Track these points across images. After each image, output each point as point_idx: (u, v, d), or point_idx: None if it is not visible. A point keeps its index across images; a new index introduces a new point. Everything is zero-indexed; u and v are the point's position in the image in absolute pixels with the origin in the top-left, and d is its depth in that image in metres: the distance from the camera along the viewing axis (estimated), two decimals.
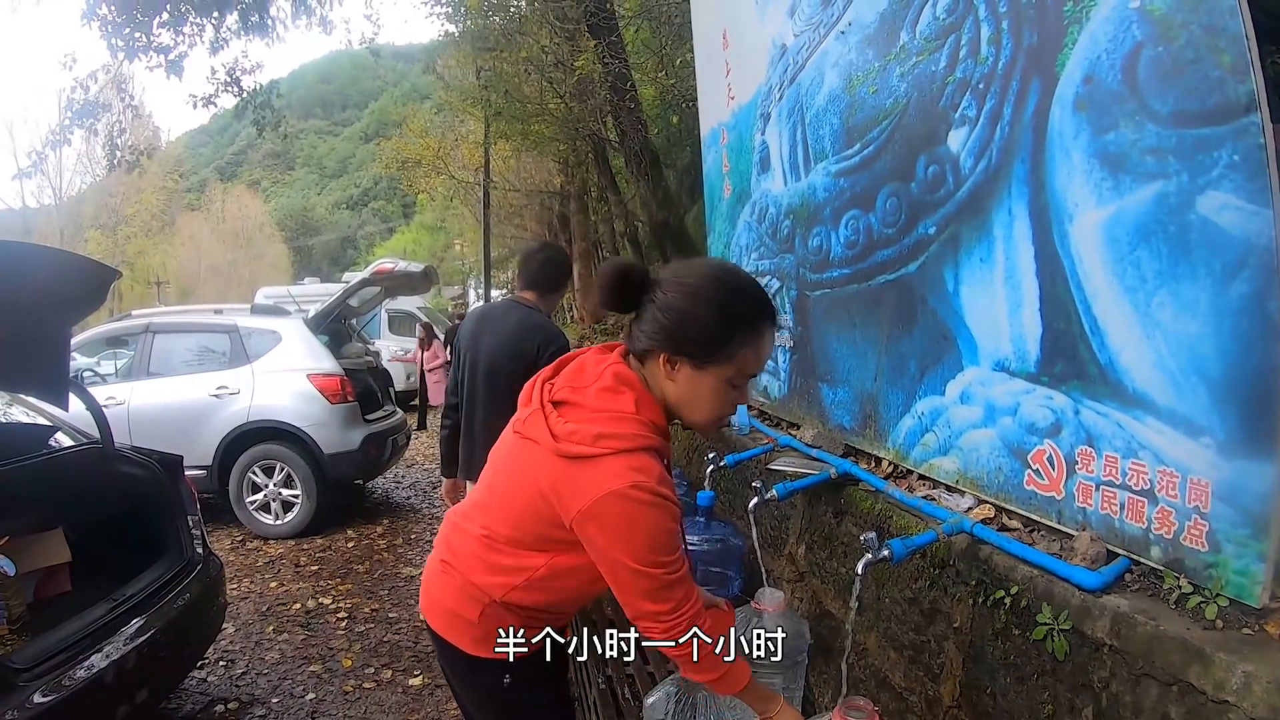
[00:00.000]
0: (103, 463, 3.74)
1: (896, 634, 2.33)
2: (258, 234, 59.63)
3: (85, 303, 3.46)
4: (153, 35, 8.43)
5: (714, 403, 1.51)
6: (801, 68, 3.25)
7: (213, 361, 6.65)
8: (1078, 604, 1.69)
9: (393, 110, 39.84)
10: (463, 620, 1.66)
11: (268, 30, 9.34)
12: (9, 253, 2.98)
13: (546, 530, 1.53)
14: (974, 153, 2.15)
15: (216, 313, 7.17)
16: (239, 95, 9.81)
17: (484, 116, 13.38)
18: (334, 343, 7.26)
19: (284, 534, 6.46)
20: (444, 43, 12.77)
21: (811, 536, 2.95)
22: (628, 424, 1.47)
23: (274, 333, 6.65)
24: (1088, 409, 1.82)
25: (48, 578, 3.52)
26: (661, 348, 1.49)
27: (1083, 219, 1.79)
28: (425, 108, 28.72)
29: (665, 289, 1.49)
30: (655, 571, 1.46)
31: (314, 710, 3.72)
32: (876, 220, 2.70)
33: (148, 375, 6.65)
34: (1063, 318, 1.87)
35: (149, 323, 6.94)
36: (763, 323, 1.49)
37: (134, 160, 10.07)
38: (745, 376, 1.51)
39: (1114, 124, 1.70)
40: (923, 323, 2.47)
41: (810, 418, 3.37)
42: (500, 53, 9.23)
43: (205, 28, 8.91)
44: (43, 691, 2.53)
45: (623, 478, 1.42)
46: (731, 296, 1.49)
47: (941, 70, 2.29)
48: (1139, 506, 1.70)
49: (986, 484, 2.19)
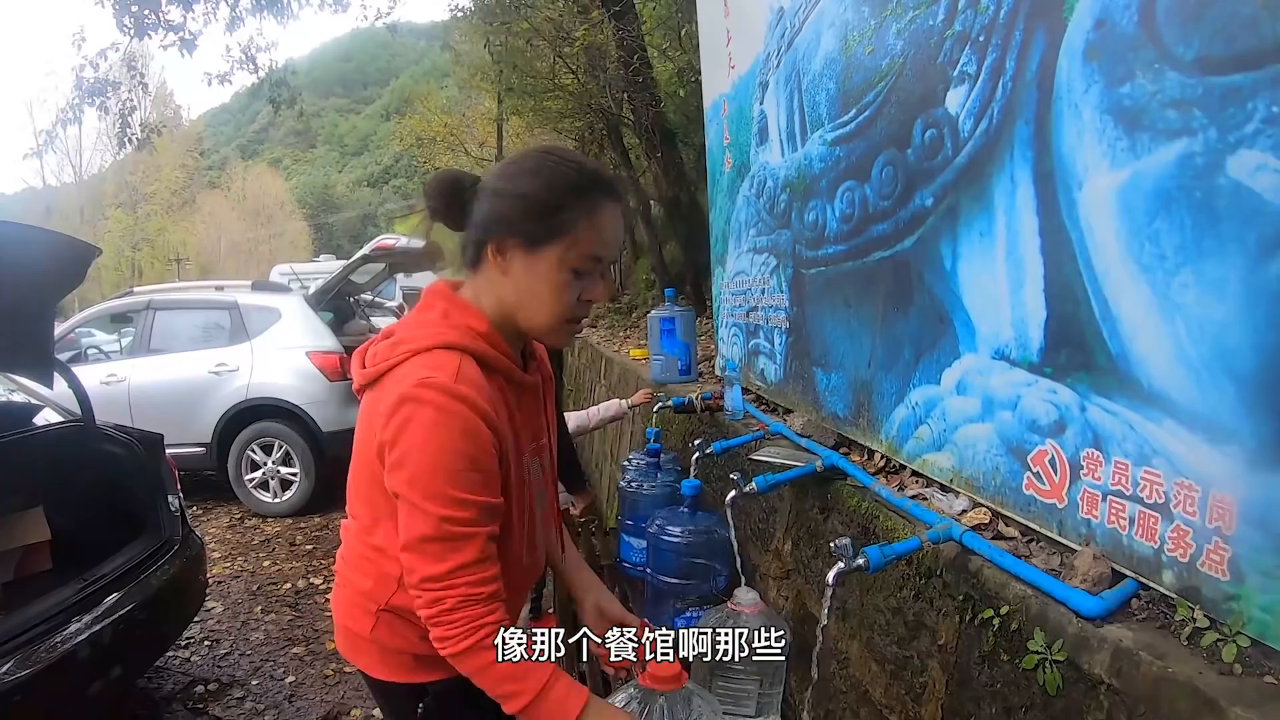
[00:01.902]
0: (84, 441, 3.77)
1: (879, 645, 2.12)
2: (278, 211, 60.15)
3: (66, 281, 3.46)
4: (163, 12, 8.30)
5: (554, 294, 1.29)
6: (799, 31, 3.01)
7: (213, 339, 6.62)
8: (1075, 632, 1.46)
9: (412, 88, 39.80)
10: (359, 637, 1.44)
11: (281, 7, 9.17)
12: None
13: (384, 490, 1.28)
14: (973, 113, 1.91)
15: (217, 290, 7.11)
16: (254, 73, 9.71)
17: (496, 92, 13.22)
18: (338, 320, 7.17)
19: (282, 512, 6.44)
20: (457, 18, 12.56)
21: (798, 532, 2.75)
22: (429, 326, 1.28)
23: (274, 310, 6.58)
24: (1095, 406, 1.58)
25: (28, 556, 3.55)
26: (487, 235, 1.29)
27: (1093, 185, 1.55)
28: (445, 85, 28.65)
29: (487, 178, 1.29)
30: (434, 509, 1.20)
31: (292, 694, 3.67)
32: (872, 191, 2.47)
33: (148, 352, 6.63)
34: (1069, 300, 1.63)
35: (150, 300, 6.90)
36: (599, 195, 1.29)
37: (145, 138, 9.95)
38: (588, 259, 1.28)
39: (1130, 74, 1.45)
40: (919, 304, 2.24)
41: (804, 405, 3.15)
42: (509, 25, 9.02)
43: (220, 5, 8.78)
44: (8, 669, 2.52)
45: (411, 378, 1.20)
46: (558, 164, 1.29)
47: (939, 24, 2.05)
48: (1151, 522, 1.46)
49: (982, 485, 1.97)
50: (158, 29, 8.43)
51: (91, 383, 4.80)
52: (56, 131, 11.14)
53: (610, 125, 9.62)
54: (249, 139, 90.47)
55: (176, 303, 7.00)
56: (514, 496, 1.36)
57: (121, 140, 9.66)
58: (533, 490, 1.42)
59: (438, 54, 39.00)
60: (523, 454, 1.39)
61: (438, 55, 41.38)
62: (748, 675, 2.33)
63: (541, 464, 1.48)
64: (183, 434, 6.14)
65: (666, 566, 2.93)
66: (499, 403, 1.31)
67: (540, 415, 1.47)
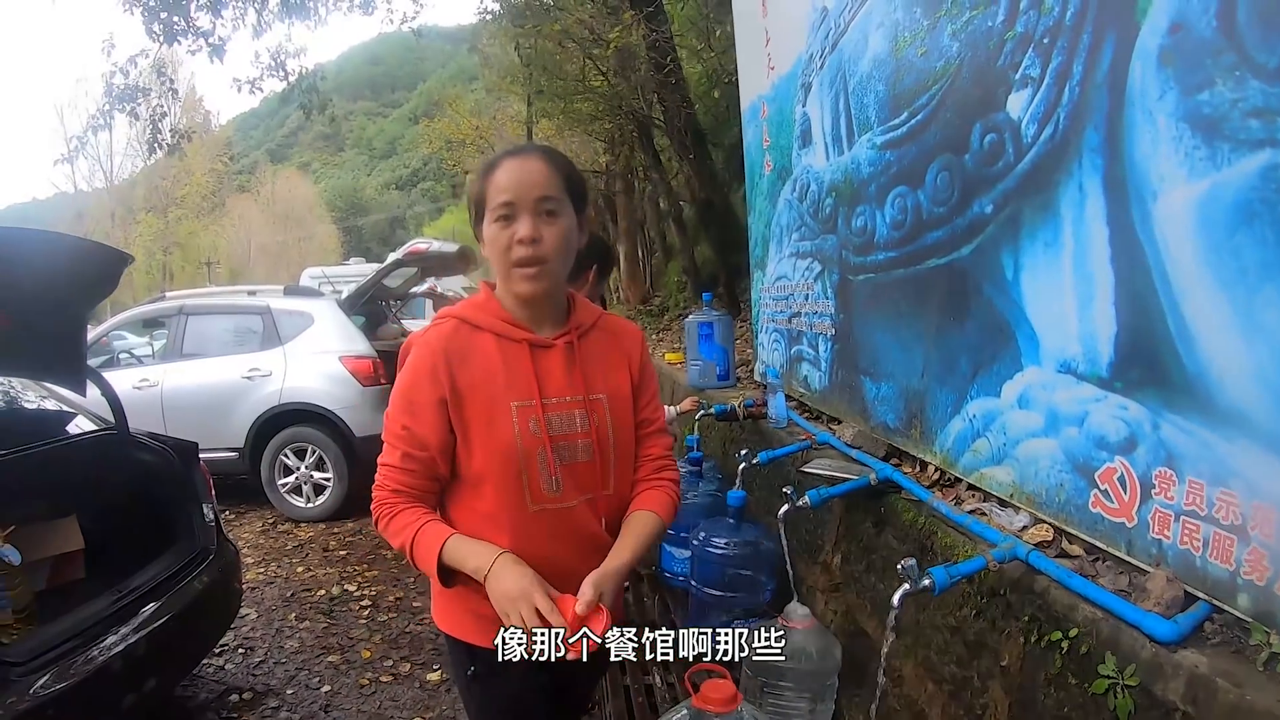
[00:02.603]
0: (118, 449, 3.72)
1: (936, 665, 2.07)
2: (307, 215, 60.68)
3: (99, 288, 3.45)
4: (191, 19, 8.37)
5: (492, 246, 1.51)
6: (844, 31, 2.96)
7: (245, 343, 6.61)
8: (1148, 657, 1.41)
9: (440, 91, 40.02)
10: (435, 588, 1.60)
11: (309, 12, 9.22)
12: (23, 241, 2.97)
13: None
14: (1037, 118, 1.86)
15: (250, 294, 7.12)
16: (284, 79, 9.74)
17: (526, 95, 13.25)
18: (370, 324, 7.16)
19: (315, 517, 6.41)
20: (486, 21, 12.60)
21: (849, 546, 2.70)
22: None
23: (306, 314, 6.57)
24: (1169, 424, 1.52)
25: (61, 565, 3.52)
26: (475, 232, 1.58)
27: (1169, 197, 1.49)
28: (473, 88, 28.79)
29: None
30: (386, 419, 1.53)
31: (328, 703, 3.63)
32: (926, 198, 2.42)
33: (181, 357, 6.65)
34: (1142, 314, 1.57)
35: (182, 304, 6.92)
36: (500, 159, 1.53)
37: (176, 144, 10.04)
38: (499, 207, 1.47)
39: (1208, 81, 1.40)
40: (976, 314, 2.18)
41: (852, 414, 3.10)
42: (538, 28, 9.01)
43: (247, 11, 8.84)
44: (44, 683, 2.47)
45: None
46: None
47: (999, 25, 2.00)
48: (1226, 544, 1.40)
49: (1045, 501, 1.91)
50: (186, 35, 8.52)
51: (124, 387, 4.82)
52: (87, 137, 11.26)
53: (641, 127, 9.59)
54: (278, 143, 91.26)
55: (209, 307, 7.00)
56: (478, 439, 1.50)
57: (152, 146, 9.74)
58: (526, 440, 1.50)
59: (465, 57, 39.17)
60: (504, 401, 1.51)
61: (465, 58, 41.57)
62: (798, 693, 2.29)
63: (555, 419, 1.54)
64: (216, 439, 6.15)
65: (711, 578, 2.90)
66: (475, 354, 1.52)
67: (564, 374, 1.57)
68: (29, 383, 4.03)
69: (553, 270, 1.50)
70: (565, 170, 1.52)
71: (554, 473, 1.52)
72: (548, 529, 1.53)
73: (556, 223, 1.48)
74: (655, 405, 1.73)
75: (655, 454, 1.70)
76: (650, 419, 1.70)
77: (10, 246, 2.88)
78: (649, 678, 2.93)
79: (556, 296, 1.60)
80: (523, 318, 1.57)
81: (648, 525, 1.59)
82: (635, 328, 1.77)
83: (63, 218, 40.10)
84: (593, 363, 1.61)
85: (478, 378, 1.50)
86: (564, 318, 1.62)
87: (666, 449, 1.73)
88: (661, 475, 1.69)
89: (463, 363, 1.50)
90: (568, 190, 1.51)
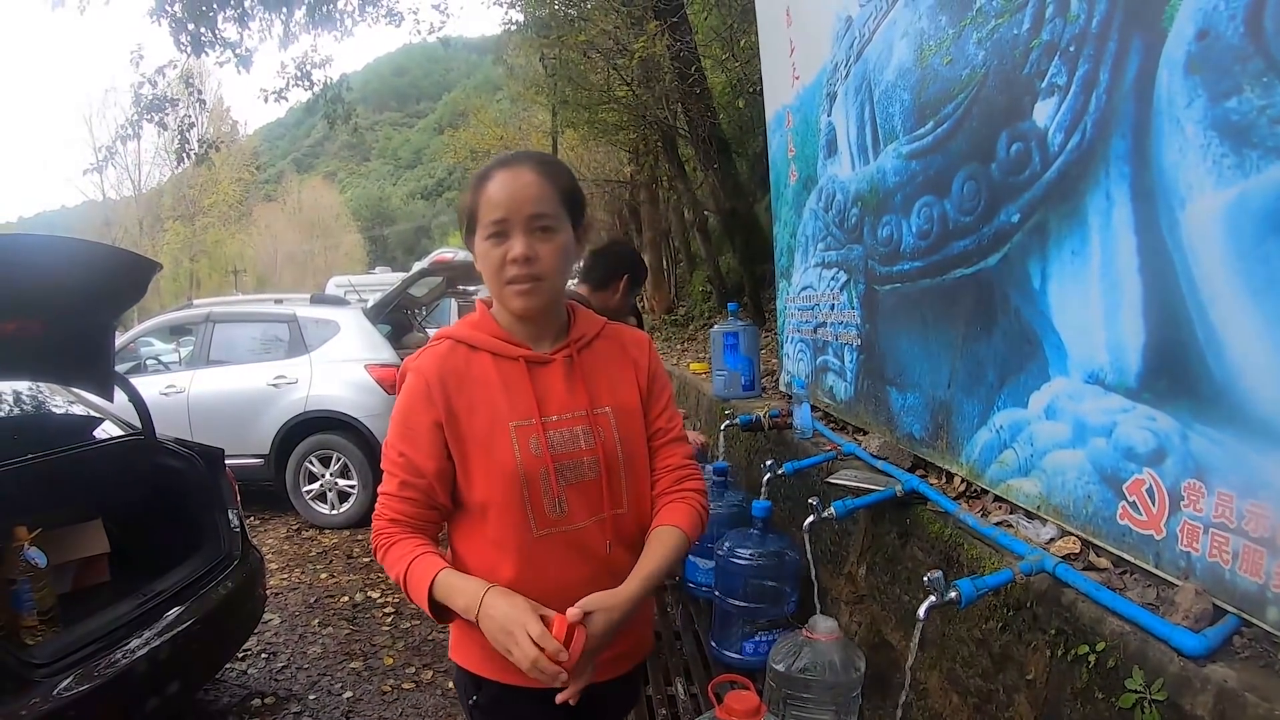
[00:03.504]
0: (144, 454, 3.78)
1: (961, 677, 2.05)
2: (333, 224, 61.47)
3: (128, 296, 3.53)
4: (219, 30, 8.48)
5: (485, 263, 1.48)
6: (868, 40, 2.95)
7: (272, 351, 6.70)
8: (1176, 671, 1.38)
9: (465, 102, 40.26)
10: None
11: (335, 23, 9.30)
12: (53, 248, 3.03)
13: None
14: (1064, 126, 1.84)
15: (276, 302, 7.22)
16: (309, 89, 9.84)
17: (550, 105, 13.29)
18: (395, 333, 7.22)
19: (339, 524, 6.48)
20: (510, 32, 12.67)
21: (873, 557, 2.68)
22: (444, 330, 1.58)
23: (332, 323, 6.65)
24: (1199, 435, 1.50)
25: (86, 567, 3.58)
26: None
27: (1198, 204, 1.48)
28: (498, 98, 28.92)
29: None
30: (384, 446, 1.52)
31: (350, 709, 3.66)
32: (952, 207, 2.40)
33: (207, 364, 6.74)
34: (1170, 323, 1.55)
35: (209, 312, 7.03)
36: (491, 170, 1.48)
37: (204, 154, 10.16)
38: (492, 224, 1.43)
39: (1236, 88, 1.38)
40: (1004, 324, 2.17)
41: (877, 425, 3.08)
42: (563, 38, 9.06)
43: (273, 23, 8.93)
44: (67, 685, 2.51)
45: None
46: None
47: (1025, 33, 1.99)
48: (1257, 557, 1.38)
49: (1072, 513, 1.89)
50: (214, 47, 8.58)
51: (150, 393, 4.88)
52: (116, 147, 11.38)
53: (665, 137, 9.61)
54: (304, 153, 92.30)
55: (236, 315, 7.13)
56: (477, 463, 1.47)
57: (181, 156, 9.86)
58: (528, 461, 1.45)
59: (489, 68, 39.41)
60: (503, 423, 1.47)
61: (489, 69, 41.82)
62: (821, 706, 2.27)
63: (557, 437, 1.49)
64: (241, 445, 6.23)
65: (735, 589, 2.88)
66: (472, 375, 1.49)
67: (565, 390, 1.53)
68: (58, 388, 4.09)
69: (548, 287, 1.46)
70: (560, 181, 1.48)
71: (558, 494, 1.47)
72: (556, 553, 1.48)
73: (552, 239, 1.44)
74: (670, 413, 1.66)
75: (673, 463, 1.63)
76: (665, 428, 1.64)
77: (44, 254, 2.94)
78: (671, 688, 2.93)
79: (554, 311, 1.56)
80: (520, 334, 1.54)
81: (667, 545, 1.52)
82: (642, 335, 1.72)
83: (91, 225, 40.79)
84: (596, 375, 1.57)
85: (475, 400, 1.48)
86: (564, 331, 1.58)
87: (686, 457, 1.65)
88: (683, 486, 1.62)
89: (459, 385, 1.48)
90: (563, 203, 1.47)
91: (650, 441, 1.62)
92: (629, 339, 1.67)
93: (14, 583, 3.03)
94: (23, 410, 3.98)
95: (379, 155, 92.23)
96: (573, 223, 1.50)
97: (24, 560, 3.04)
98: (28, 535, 3.09)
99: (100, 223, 41.06)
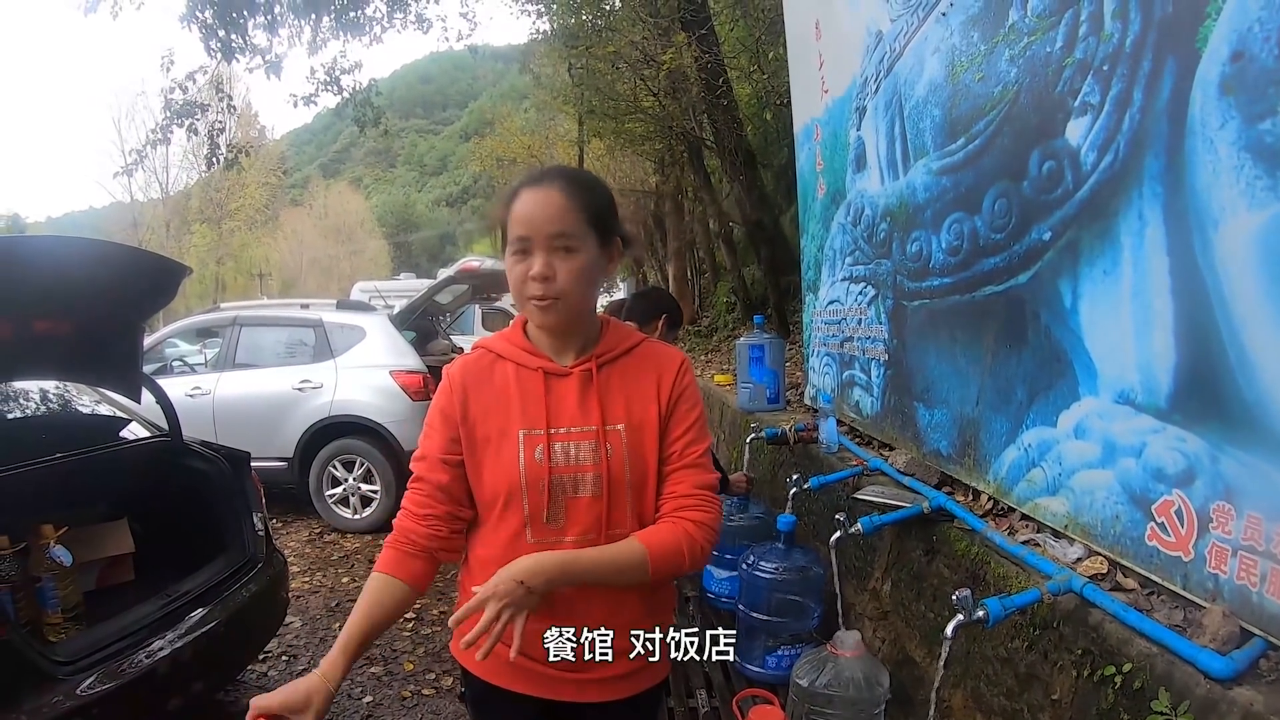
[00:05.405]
0: (171, 456, 3.79)
1: (986, 696, 2.04)
2: (359, 229, 61.83)
3: (156, 298, 3.54)
4: (249, 36, 8.58)
5: (511, 278, 1.49)
6: (899, 55, 2.96)
7: (297, 355, 6.74)
8: (1202, 694, 1.38)
9: (491, 110, 40.47)
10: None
11: (365, 29, 9.39)
12: (85, 250, 3.03)
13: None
14: (1097, 145, 1.84)
15: (303, 307, 7.28)
16: (338, 94, 9.93)
17: (577, 115, 13.34)
18: (420, 339, 7.26)
19: (362, 529, 6.49)
20: (537, 41, 12.75)
21: (899, 573, 2.67)
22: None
23: (358, 328, 6.69)
24: (1229, 457, 1.49)
25: (111, 567, 3.58)
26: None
27: (1231, 226, 1.47)
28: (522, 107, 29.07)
29: None
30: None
31: (369, 714, 3.66)
32: (983, 224, 2.40)
33: (233, 367, 6.80)
34: (1202, 344, 1.55)
35: (236, 315, 7.10)
36: (520, 188, 1.49)
37: (233, 159, 10.29)
38: (516, 240, 1.45)
39: (1270, 109, 1.38)
40: (1033, 342, 2.16)
41: (904, 440, 3.07)
42: (591, 49, 9.11)
43: (303, 29, 9.03)
44: (90, 683, 2.52)
45: None
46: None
47: (1058, 51, 1.99)
48: None
49: (1100, 534, 1.88)
50: (244, 52, 8.69)
51: (176, 394, 4.91)
52: (145, 151, 11.50)
53: (691, 148, 9.63)
54: (331, 158, 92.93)
55: (263, 319, 7.18)
56: (487, 465, 1.50)
57: (210, 160, 9.97)
58: (531, 468, 1.47)
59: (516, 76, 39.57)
60: (513, 429, 1.49)
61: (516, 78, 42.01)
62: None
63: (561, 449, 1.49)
64: (265, 448, 6.24)
65: (759, 603, 2.89)
66: (492, 381, 1.54)
67: (577, 403, 1.52)
68: (86, 388, 4.14)
69: (565, 305, 1.45)
70: (585, 199, 1.45)
71: (557, 505, 1.47)
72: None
73: (573, 259, 1.43)
74: (691, 438, 1.54)
75: (680, 490, 1.50)
76: (681, 452, 1.52)
77: (75, 256, 2.96)
78: (693, 700, 2.92)
79: (578, 325, 1.53)
80: (544, 346, 1.55)
81: (614, 551, 1.43)
82: (677, 353, 1.65)
83: (119, 226, 41.14)
84: (614, 391, 1.54)
85: (491, 404, 1.51)
86: (591, 345, 1.56)
87: (697, 486, 1.50)
88: (680, 514, 1.48)
89: (478, 389, 1.52)
90: (589, 222, 1.45)
91: (664, 464, 1.53)
92: (663, 356, 1.62)
93: (39, 580, 3.05)
94: (51, 410, 3.99)
95: (404, 162, 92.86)
96: (601, 239, 1.48)
97: (49, 558, 3.07)
98: (54, 534, 3.11)
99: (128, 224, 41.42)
